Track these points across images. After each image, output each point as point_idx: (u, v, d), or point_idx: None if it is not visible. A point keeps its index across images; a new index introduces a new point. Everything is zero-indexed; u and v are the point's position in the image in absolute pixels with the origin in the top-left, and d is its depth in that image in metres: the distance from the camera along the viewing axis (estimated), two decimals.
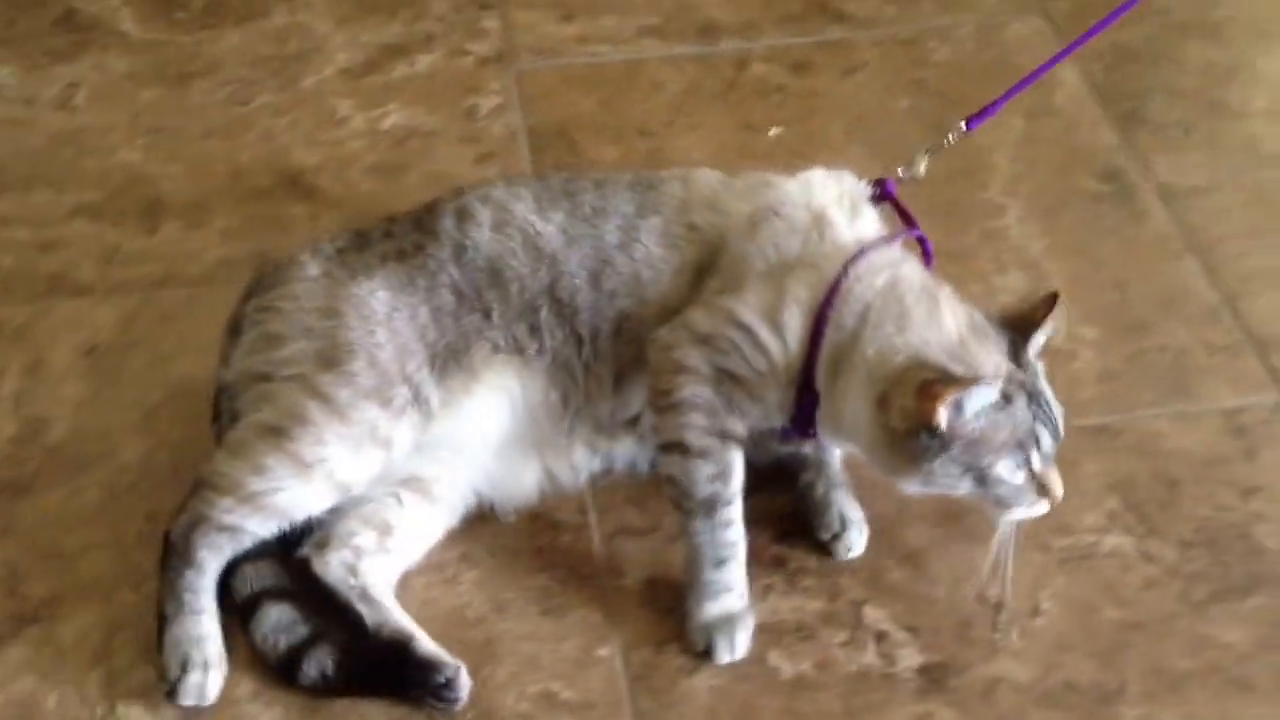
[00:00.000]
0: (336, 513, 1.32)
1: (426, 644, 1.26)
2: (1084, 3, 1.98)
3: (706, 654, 1.26)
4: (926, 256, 1.33)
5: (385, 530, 1.33)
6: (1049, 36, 1.92)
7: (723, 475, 1.27)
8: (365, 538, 1.32)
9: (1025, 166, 1.74)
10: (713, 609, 1.27)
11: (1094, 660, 1.21)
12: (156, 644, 1.26)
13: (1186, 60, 1.90)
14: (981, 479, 1.20)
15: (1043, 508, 1.23)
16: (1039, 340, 1.23)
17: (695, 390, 1.27)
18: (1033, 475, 1.21)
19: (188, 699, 1.24)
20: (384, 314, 1.31)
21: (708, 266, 1.31)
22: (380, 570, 1.31)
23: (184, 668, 1.25)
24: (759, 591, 1.28)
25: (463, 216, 1.36)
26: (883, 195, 1.37)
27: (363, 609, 1.28)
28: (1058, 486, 1.22)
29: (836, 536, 1.32)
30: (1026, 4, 1.98)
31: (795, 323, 1.25)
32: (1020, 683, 1.20)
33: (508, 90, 1.88)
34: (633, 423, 1.37)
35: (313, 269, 1.36)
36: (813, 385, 1.26)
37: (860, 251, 1.26)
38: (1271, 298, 1.56)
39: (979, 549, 1.26)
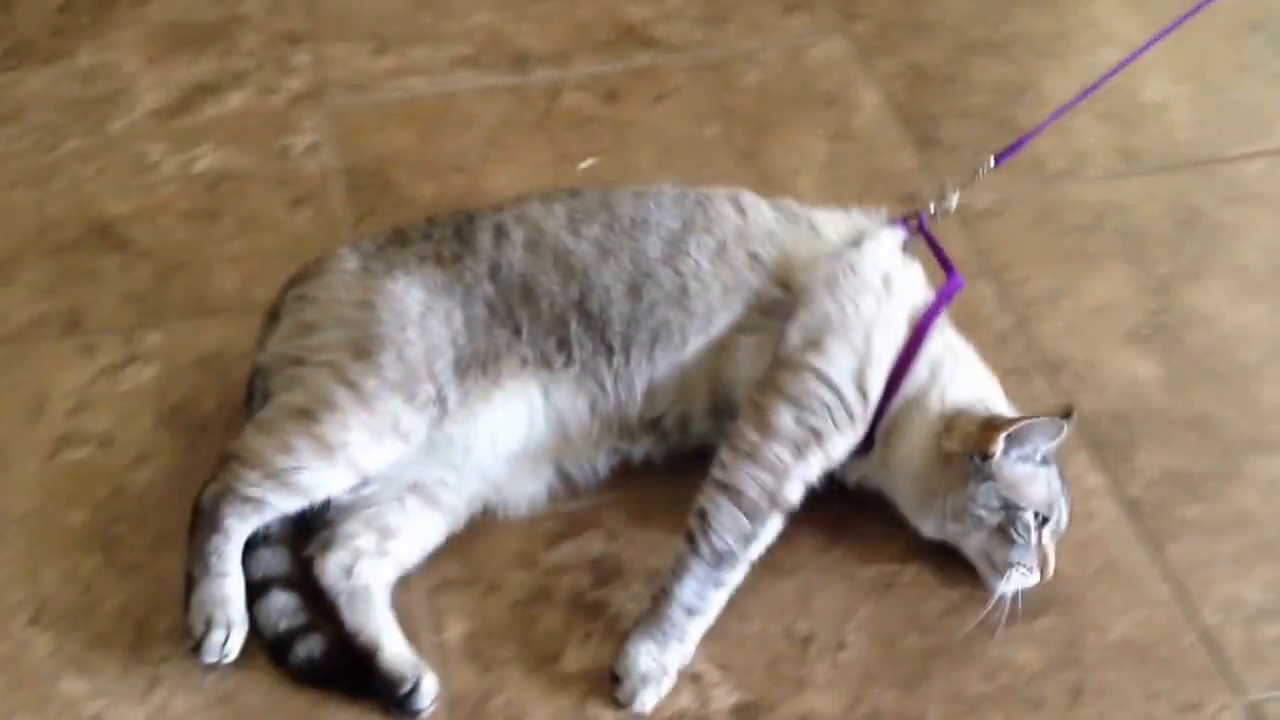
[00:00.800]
0: (342, 513, 1.38)
1: (393, 655, 1.30)
2: (884, 23, 2.04)
3: (615, 684, 1.29)
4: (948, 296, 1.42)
5: (386, 534, 1.37)
6: (851, 58, 1.98)
7: (750, 540, 1.32)
8: (365, 540, 1.36)
9: (831, 191, 1.76)
10: (655, 658, 1.29)
11: (897, 689, 1.28)
12: (184, 606, 1.31)
13: (977, 79, 1.97)
14: (1010, 519, 1.31)
15: (1033, 579, 1.33)
16: (1061, 439, 1.34)
17: (778, 450, 1.33)
18: (1040, 543, 1.32)
19: (210, 656, 1.29)
20: (418, 312, 1.37)
21: (769, 304, 1.39)
22: (377, 572, 1.35)
23: (208, 626, 1.30)
24: (580, 639, 1.32)
25: (499, 235, 1.42)
26: (918, 230, 1.47)
27: (345, 614, 1.32)
28: (1051, 566, 1.33)
29: None
30: (828, 26, 2.03)
31: (878, 383, 1.36)
32: (830, 715, 1.26)
33: (321, 128, 1.88)
34: (656, 422, 1.42)
35: (351, 262, 1.43)
36: (872, 433, 1.37)
37: (925, 316, 1.37)
38: (1057, 320, 1.63)
39: (788, 583, 1.35)
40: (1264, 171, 1.84)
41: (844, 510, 1.41)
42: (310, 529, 1.37)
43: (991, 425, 1.32)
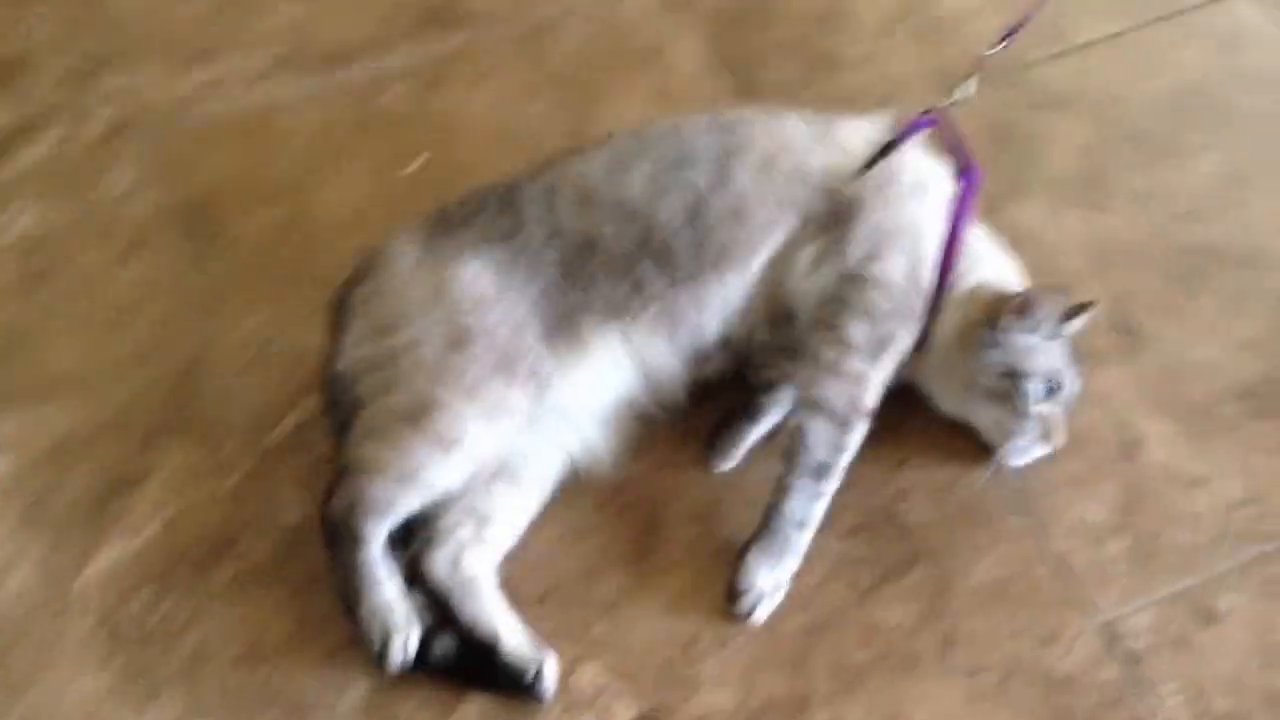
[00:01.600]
0: (439, 507, 1.41)
1: (512, 645, 1.36)
2: None
3: (734, 599, 1.40)
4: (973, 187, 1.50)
5: (482, 520, 1.41)
6: (664, 6, 1.96)
7: (843, 449, 1.42)
8: (465, 529, 1.40)
9: None
10: (773, 572, 1.40)
11: (785, 671, 1.35)
12: (350, 621, 1.35)
13: (790, 9, 1.97)
14: (1016, 385, 1.41)
15: (1044, 449, 1.45)
16: (1081, 320, 1.46)
17: (857, 362, 1.42)
18: (1042, 416, 1.43)
19: (396, 661, 1.35)
20: (494, 293, 1.40)
21: (819, 214, 1.45)
22: (481, 561, 1.40)
23: (385, 634, 1.35)
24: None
25: (549, 199, 1.45)
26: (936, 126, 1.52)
27: (459, 608, 1.37)
28: (1061, 435, 1.44)
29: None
30: None
31: (929, 277, 1.45)
32: (727, 710, 1.32)
33: (139, 164, 1.82)
34: (727, 341, 1.48)
35: (409, 256, 1.44)
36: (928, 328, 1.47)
37: (957, 211, 1.46)
38: None
39: (673, 580, 1.41)
40: (1066, 73, 1.87)
41: (712, 502, 1.47)
42: (407, 529, 1.41)
43: (1002, 296, 1.44)
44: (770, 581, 1.41)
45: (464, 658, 1.35)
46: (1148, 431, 1.51)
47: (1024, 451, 1.46)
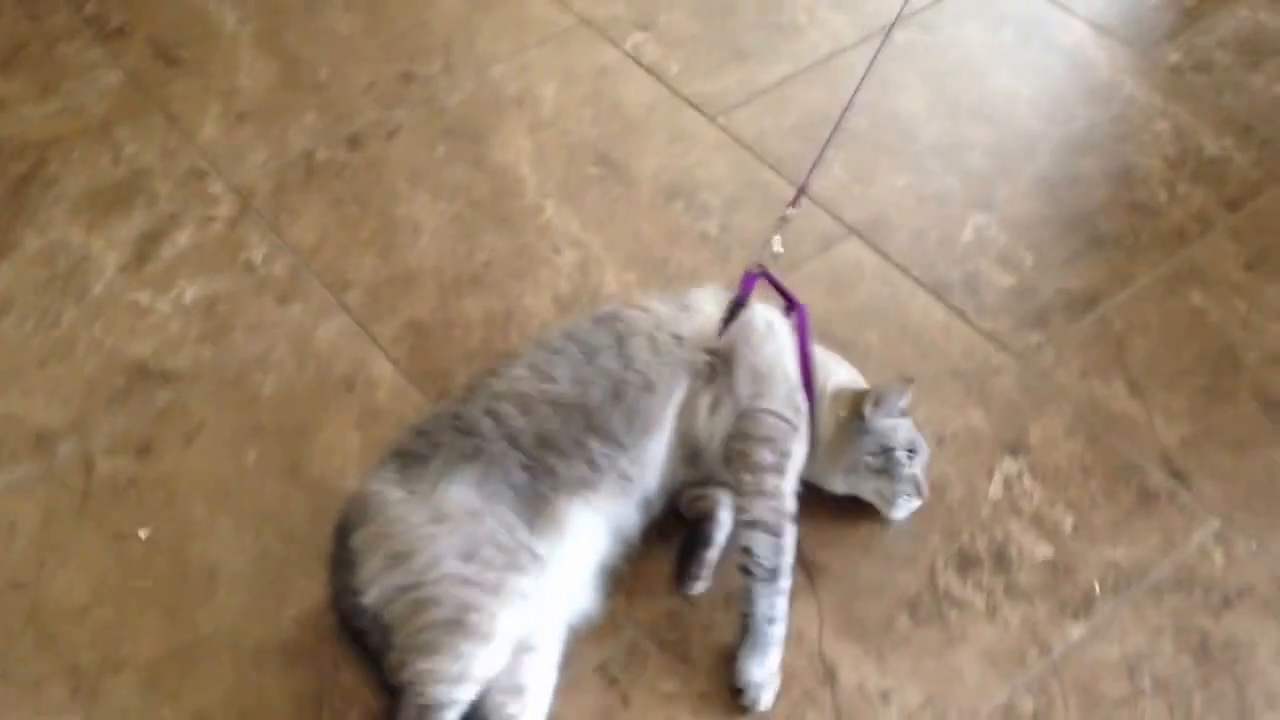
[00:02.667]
0: (482, 694, 1.61)
1: None
2: (371, 285, 2.19)
3: (739, 696, 1.70)
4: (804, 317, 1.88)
5: (520, 691, 1.63)
6: (354, 332, 2.12)
7: (784, 551, 1.73)
8: (512, 705, 1.62)
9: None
10: (762, 667, 1.70)
11: None
12: None
13: (469, 317, 2.12)
14: (889, 458, 1.80)
15: (917, 503, 1.84)
16: (908, 395, 1.84)
17: (773, 481, 1.76)
18: (913, 476, 1.82)
19: None
20: (481, 504, 1.65)
21: (702, 368, 1.79)
22: (531, 712, 1.63)
23: None
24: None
25: (494, 415, 1.72)
26: (761, 278, 1.88)
27: None
28: (926, 488, 1.84)
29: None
30: (323, 307, 2.17)
31: (802, 398, 1.82)
32: None
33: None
34: (663, 488, 1.80)
35: (395, 492, 1.66)
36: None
37: (800, 340, 1.84)
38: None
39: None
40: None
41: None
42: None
43: (859, 394, 1.83)
44: (763, 674, 1.71)
45: None
46: (840, 657, 1.74)
47: (905, 507, 1.85)
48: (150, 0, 2.66)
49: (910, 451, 1.82)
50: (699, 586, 1.80)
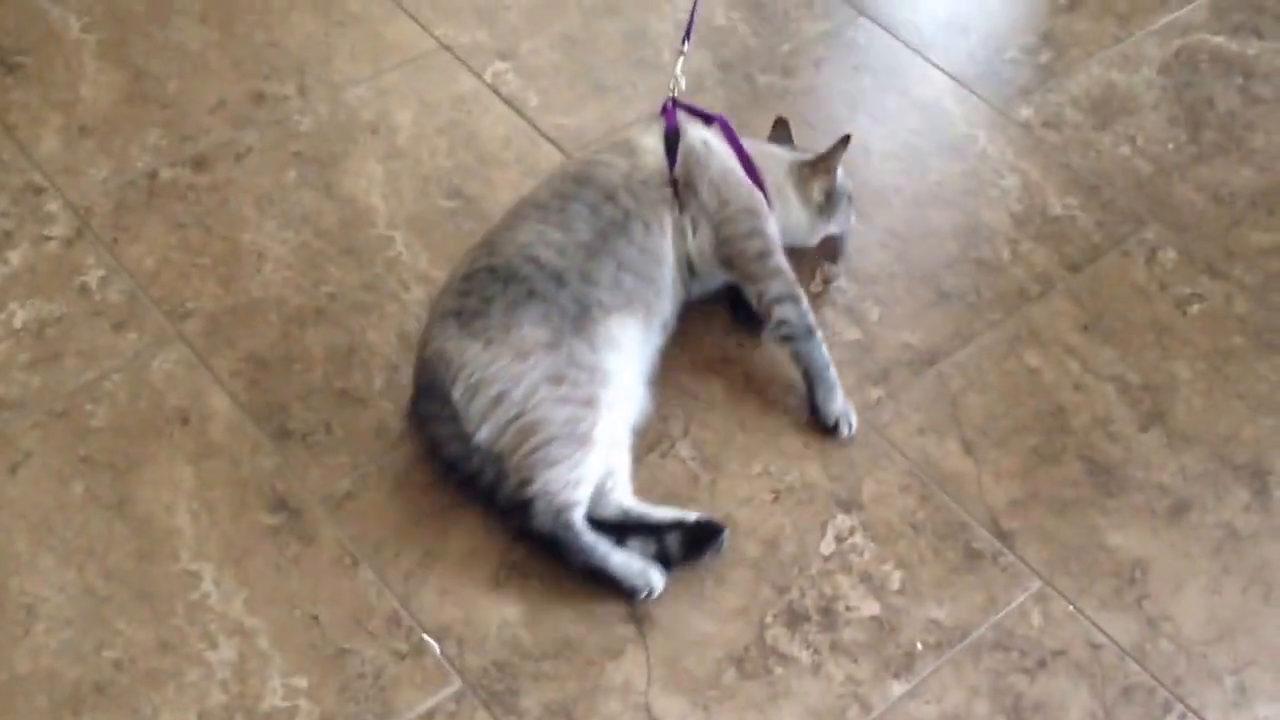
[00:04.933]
0: None
1: (691, 518, 1.90)
2: (212, 314, 2.14)
3: (834, 430, 2.04)
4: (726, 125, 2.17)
5: (611, 473, 1.90)
6: (192, 364, 2.07)
7: (805, 311, 2.05)
8: (609, 483, 1.89)
9: (206, 520, 1.90)
10: (838, 400, 2.04)
11: None
12: (603, 582, 1.83)
13: (311, 352, 2.10)
14: (846, 209, 2.21)
15: (853, 219, 2.25)
16: (840, 157, 2.16)
17: (771, 261, 2.07)
18: (851, 202, 2.22)
19: (658, 588, 1.84)
20: (551, 336, 1.89)
21: (669, 197, 2.04)
22: (625, 493, 1.91)
23: (644, 577, 1.84)
24: None
25: (535, 263, 1.93)
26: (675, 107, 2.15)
27: (643, 522, 1.88)
28: (853, 215, 2.26)
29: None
30: (160, 334, 2.11)
31: (753, 186, 2.11)
32: None
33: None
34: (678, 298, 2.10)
35: (473, 345, 1.88)
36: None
37: (732, 142, 2.13)
38: (433, 587, 1.86)
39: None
40: None
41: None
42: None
43: (807, 162, 2.17)
44: (842, 404, 2.04)
45: (666, 551, 1.87)
46: (666, 710, 1.75)
47: (849, 225, 2.25)
48: None
49: (846, 192, 2.22)
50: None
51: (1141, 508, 1.98)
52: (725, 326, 2.16)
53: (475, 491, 1.89)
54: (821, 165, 2.16)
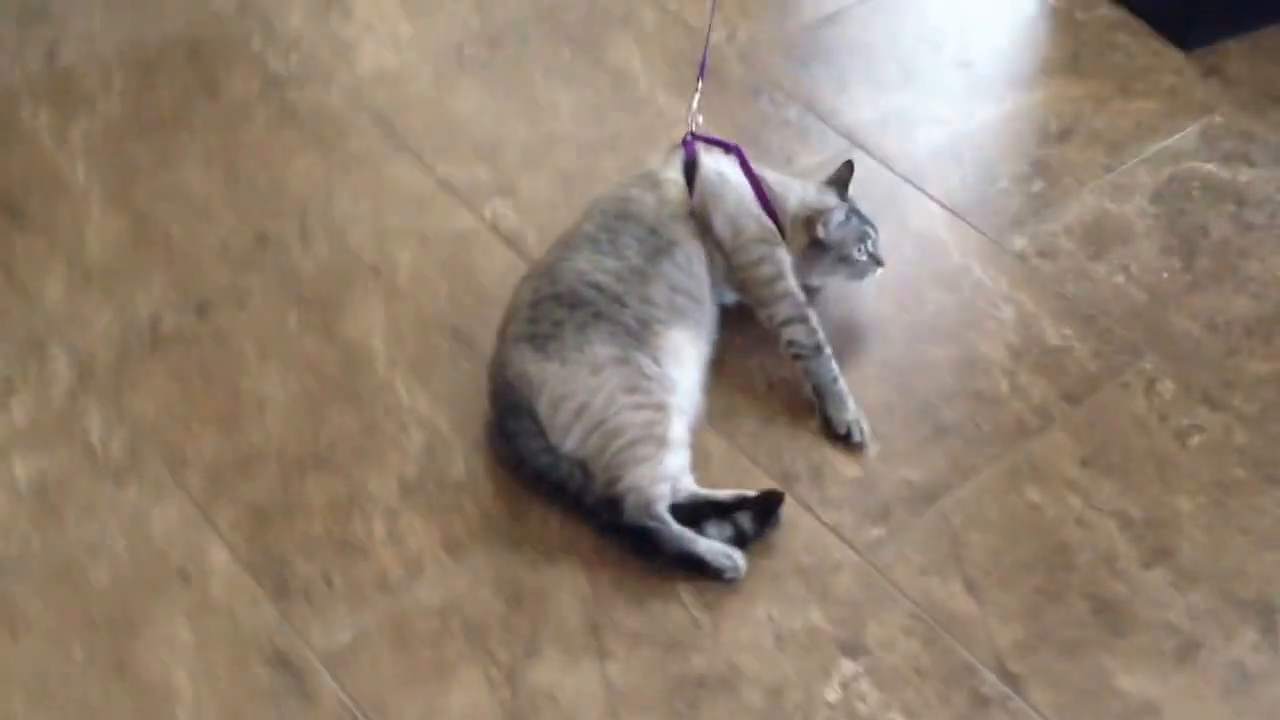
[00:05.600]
0: None
1: (752, 495, 2.08)
2: (212, 465, 2.13)
3: (846, 439, 2.20)
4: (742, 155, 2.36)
5: (681, 448, 2.09)
6: (192, 518, 2.07)
7: (814, 330, 2.24)
8: (683, 478, 2.08)
9: (205, 681, 1.88)
10: (849, 409, 2.21)
11: None
12: (691, 569, 2.00)
13: (311, 502, 2.10)
14: (849, 260, 2.30)
15: (880, 271, 2.34)
16: (848, 186, 2.36)
17: (780, 285, 2.25)
18: (871, 255, 2.32)
19: (743, 565, 2.02)
20: (620, 352, 2.08)
21: (697, 229, 2.26)
22: (689, 483, 2.08)
23: (730, 558, 2.01)
24: None
25: (597, 287, 2.13)
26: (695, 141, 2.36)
27: (710, 506, 2.06)
28: (885, 259, 2.34)
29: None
30: (160, 486, 2.11)
31: (765, 216, 2.30)
32: None
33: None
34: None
35: (551, 365, 2.06)
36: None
37: (748, 173, 2.32)
38: None
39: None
40: None
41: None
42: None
43: (809, 220, 2.30)
44: (852, 412, 2.20)
45: (742, 531, 2.05)
46: None
47: (871, 279, 2.35)
48: None
49: (862, 242, 2.30)
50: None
51: (1150, 648, 1.97)
52: (713, 481, 2.18)
53: (565, 497, 2.06)
54: (811, 219, 2.31)
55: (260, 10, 2.93)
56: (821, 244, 2.27)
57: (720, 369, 2.26)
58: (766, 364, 2.29)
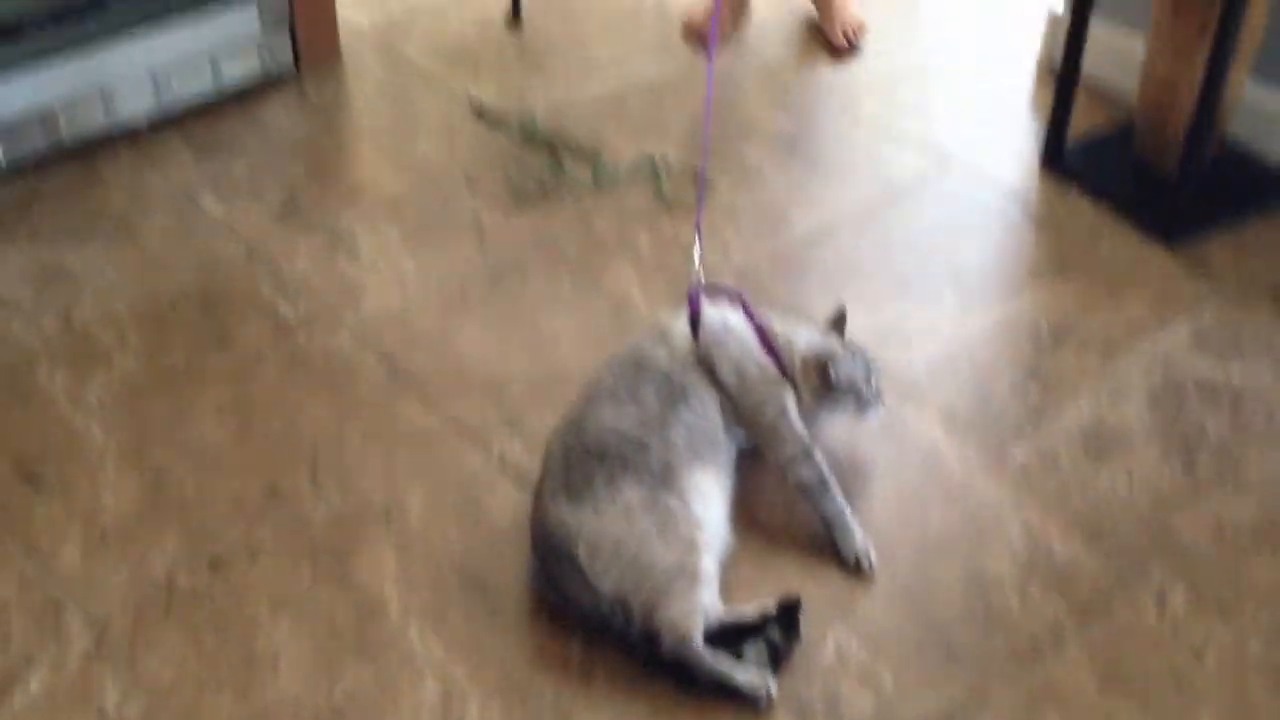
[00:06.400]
0: None
1: (770, 603, 2.22)
2: None
3: (856, 568, 2.37)
4: (745, 303, 2.53)
5: (711, 581, 2.23)
6: None
7: (818, 466, 2.39)
8: (714, 601, 2.22)
9: None
10: (856, 540, 2.37)
11: None
12: (730, 694, 2.13)
13: None
14: (857, 399, 2.46)
15: (883, 409, 2.52)
16: (844, 328, 2.56)
17: (784, 428, 2.40)
18: (876, 392, 2.49)
19: (774, 689, 2.15)
20: (649, 494, 2.23)
21: (707, 377, 2.41)
22: (717, 606, 2.21)
23: (761, 683, 2.14)
24: None
25: (621, 436, 2.29)
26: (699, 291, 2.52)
27: (738, 624, 2.20)
28: (885, 396, 2.53)
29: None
30: None
31: (769, 362, 2.45)
32: None
33: None
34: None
35: (585, 513, 2.21)
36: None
37: (752, 321, 2.49)
38: None
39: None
40: None
41: None
42: None
43: (818, 366, 2.44)
44: (861, 542, 2.37)
45: (775, 647, 2.19)
46: None
47: (876, 416, 2.52)
48: (12, 411, 2.66)
49: (868, 380, 2.47)
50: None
51: None
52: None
53: (610, 634, 2.20)
54: (822, 362, 2.45)
55: (268, 255, 3.03)
56: (831, 385, 2.42)
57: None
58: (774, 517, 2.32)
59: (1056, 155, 3.34)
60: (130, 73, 3.30)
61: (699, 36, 3.81)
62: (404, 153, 3.40)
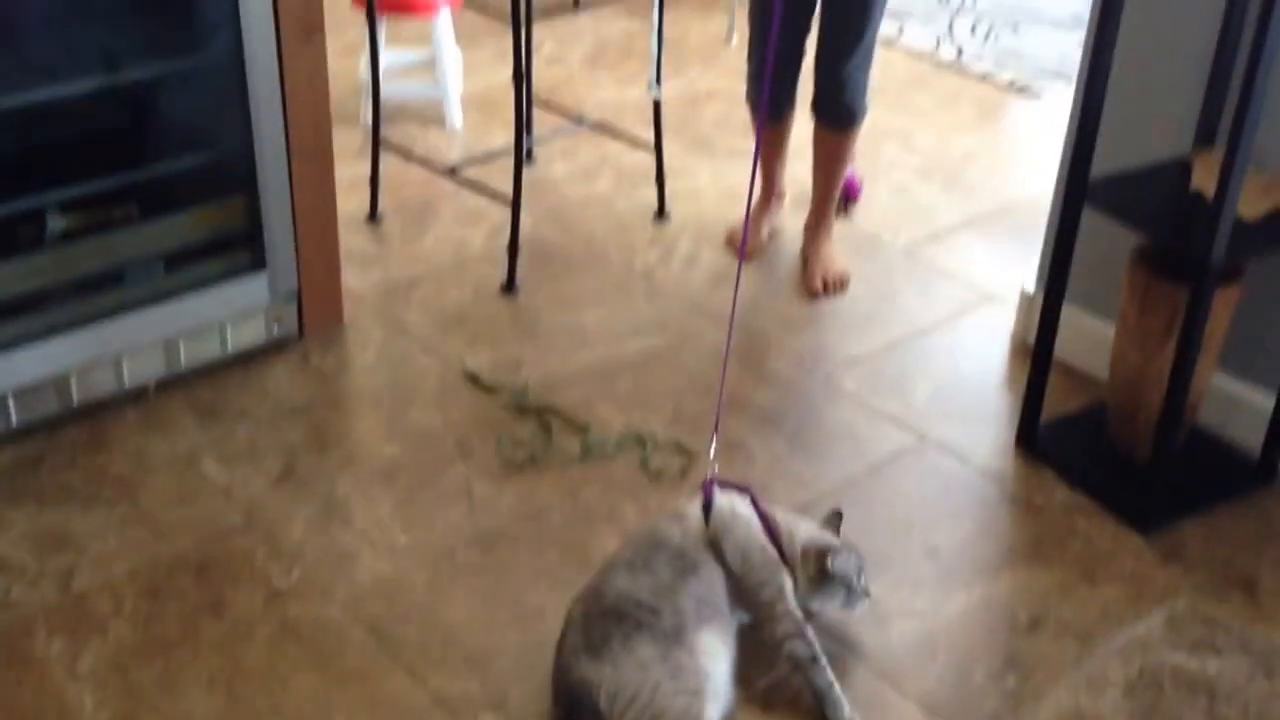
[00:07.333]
0: None
1: None
2: None
3: None
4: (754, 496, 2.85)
5: None
6: None
7: (811, 643, 2.64)
8: None
9: None
10: (844, 713, 2.59)
11: None
12: None
13: None
14: (849, 590, 2.73)
15: (867, 604, 2.79)
16: (840, 528, 2.88)
17: (780, 606, 2.66)
18: (863, 587, 2.77)
19: None
20: (660, 651, 2.49)
21: (715, 559, 2.70)
22: None
23: None
24: None
25: (637, 603, 2.56)
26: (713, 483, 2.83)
27: None
28: (870, 593, 2.80)
29: None
30: None
31: (771, 548, 2.74)
32: None
33: None
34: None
35: (605, 668, 2.46)
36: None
37: (757, 509, 2.81)
38: None
39: None
40: None
41: None
42: None
43: (818, 555, 2.73)
44: (848, 716, 2.58)
45: None
46: None
47: (862, 609, 2.79)
48: (8, 677, 2.68)
49: (859, 575, 2.73)
50: None
51: None
52: None
53: None
54: (821, 553, 2.72)
55: (266, 522, 3.10)
56: (829, 573, 2.69)
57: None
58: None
59: (1031, 436, 3.47)
60: (143, 340, 3.45)
61: (736, 245, 4.38)
62: (400, 419, 3.52)
